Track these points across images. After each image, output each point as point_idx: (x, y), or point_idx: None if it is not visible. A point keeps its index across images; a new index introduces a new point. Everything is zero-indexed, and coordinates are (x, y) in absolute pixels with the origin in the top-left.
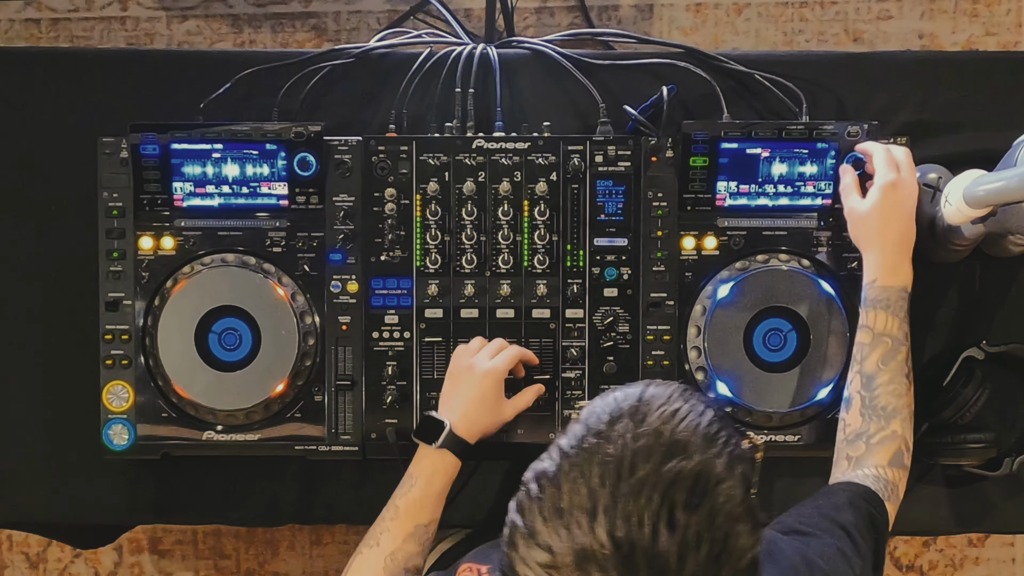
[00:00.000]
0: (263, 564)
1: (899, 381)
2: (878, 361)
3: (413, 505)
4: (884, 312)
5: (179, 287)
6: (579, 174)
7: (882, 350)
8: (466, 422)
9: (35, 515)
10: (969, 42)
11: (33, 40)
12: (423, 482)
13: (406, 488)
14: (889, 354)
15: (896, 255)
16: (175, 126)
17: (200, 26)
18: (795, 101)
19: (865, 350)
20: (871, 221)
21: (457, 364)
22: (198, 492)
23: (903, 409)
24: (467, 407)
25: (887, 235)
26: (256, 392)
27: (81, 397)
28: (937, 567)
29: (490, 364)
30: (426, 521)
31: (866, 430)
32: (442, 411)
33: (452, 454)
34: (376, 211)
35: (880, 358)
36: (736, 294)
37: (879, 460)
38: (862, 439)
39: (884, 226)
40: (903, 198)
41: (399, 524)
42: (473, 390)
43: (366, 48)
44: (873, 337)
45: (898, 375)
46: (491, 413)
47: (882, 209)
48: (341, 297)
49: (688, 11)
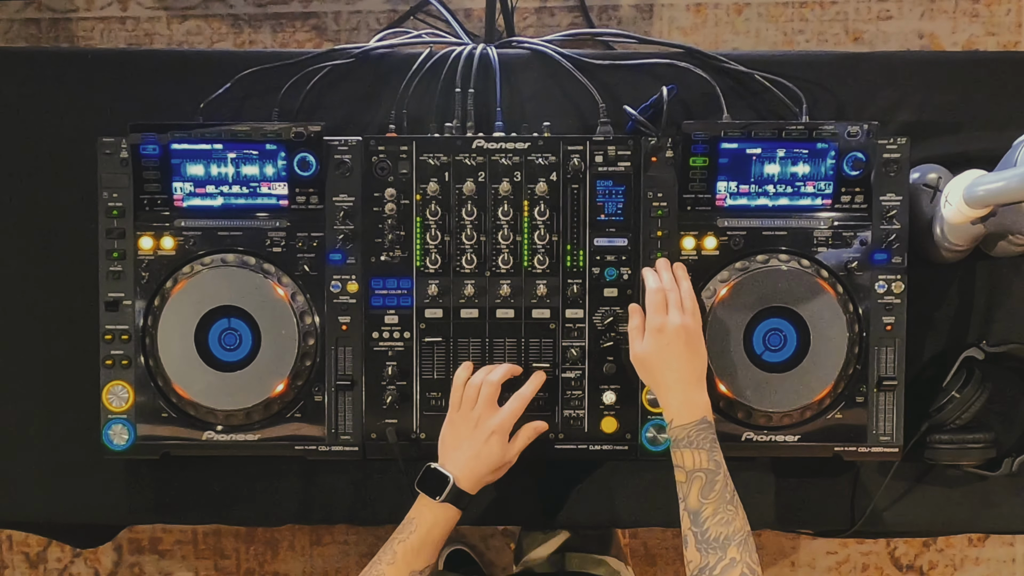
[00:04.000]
0: (263, 564)
1: (724, 509)
2: (698, 496)
3: (411, 552)
4: (688, 450)
5: (179, 287)
6: (579, 174)
7: (698, 485)
8: (471, 477)
9: (35, 515)
10: (969, 42)
11: (33, 40)
12: (423, 531)
13: (405, 534)
14: (707, 487)
15: (684, 393)
16: (175, 126)
17: (200, 26)
18: (795, 101)
19: (684, 488)
20: (649, 365)
21: (461, 417)
22: (198, 492)
23: (735, 534)
24: (472, 464)
25: (668, 376)
26: (256, 392)
27: (81, 397)
28: (937, 567)
29: (497, 421)
30: (421, 567)
31: (707, 563)
32: (443, 460)
33: (453, 507)
34: (376, 211)
35: (699, 493)
36: (736, 294)
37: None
38: (705, 573)
39: (663, 368)
40: (673, 339)
41: (395, 570)
42: (478, 446)
43: (366, 48)
44: (687, 475)
45: (721, 504)
46: (496, 466)
47: (656, 353)
48: (341, 297)
49: (688, 11)
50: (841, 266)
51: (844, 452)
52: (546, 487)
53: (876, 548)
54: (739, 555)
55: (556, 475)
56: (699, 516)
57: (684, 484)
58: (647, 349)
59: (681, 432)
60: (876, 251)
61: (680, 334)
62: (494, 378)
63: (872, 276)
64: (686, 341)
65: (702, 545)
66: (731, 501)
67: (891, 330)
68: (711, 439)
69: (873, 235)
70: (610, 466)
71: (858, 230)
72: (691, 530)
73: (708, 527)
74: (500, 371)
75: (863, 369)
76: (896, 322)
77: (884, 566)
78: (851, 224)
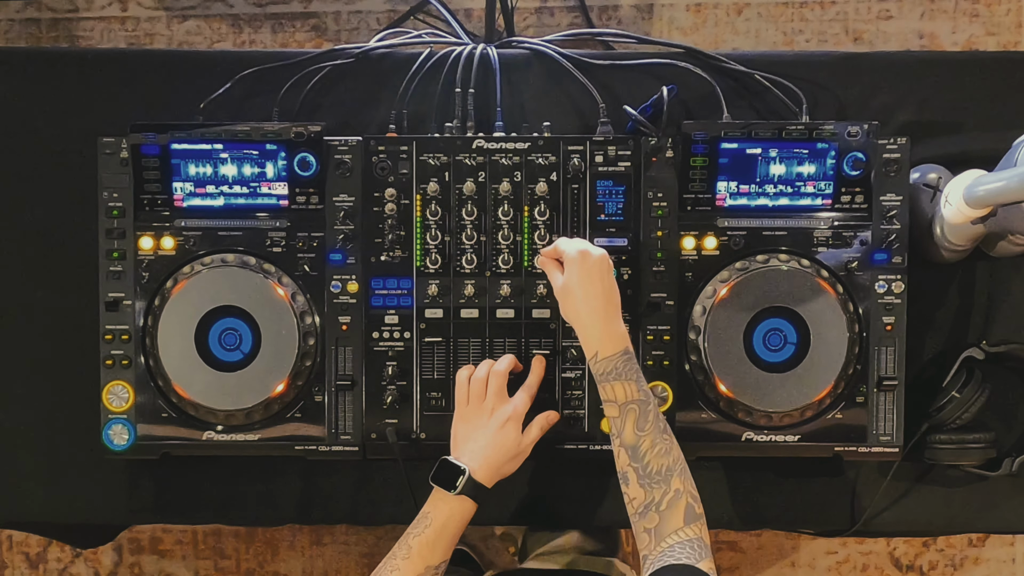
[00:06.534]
0: (263, 564)
1: (661, 441)
2: (634, 429)
3: (426, 546)
4: (618, 382)
5: (179, 287)
6: (579, 174)
7: (633, 418)
8: (488, 468)
9: (35, 515)
10: (969, 42)
11: (33, 40)
12: (438, 524)
13: (421, 528)
14: (641, 419)
15: (606, 322)
16: (175, 126)
17: (200, 26)
18: (795, 101)
19: (618, 424)
20: (572, 291)
21: (472, 410)
22: (198, 492)
23: (675, 464)
24: (487, 453)
25: (588, 302)
26: (256, 392)
27: (81, 397)
28: (937, 567)
29: (510, 409)
30: (436, 563)
31: (652, 499)
32: (457, 455)
33: (470, 499)
34: (376, 211)
35: (635, 426)
36: (736, 294)
37: (675, 523)
38: (652, 509)
39: (584, 294)
40: (593, 266)
41: (410, 564)
42: (493, 435)
43: (366, 48)
44: (619, 409)
45: (657, 435)
46: (511, 455)
47: (580, 279)
48: (341, 297)
49: (688, 11)
50: (841, 266)
51: (844, 452)
52: (546, 487)
53: (876, 548)
54: (682, 485)
55: (556, 475)
56: (638, 450)
57: (618, 419)
58: (571, 275)
59: (608, 364)
60: (876, 251)
61: (602, 262)
62: (500, 368)
63: (872, 276)
64: (608, 270)
65: (644, 480)
66: (664, 431)
67: (891, 330)
68: (636, 369)
69: (873, 235)
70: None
71: (858, 230)
72: (631, 466)
73: (648, 460)
74: (504, 362)
75: (863, 369)
76: (896, 322)
77: (884, 566)
78: (851, 224)
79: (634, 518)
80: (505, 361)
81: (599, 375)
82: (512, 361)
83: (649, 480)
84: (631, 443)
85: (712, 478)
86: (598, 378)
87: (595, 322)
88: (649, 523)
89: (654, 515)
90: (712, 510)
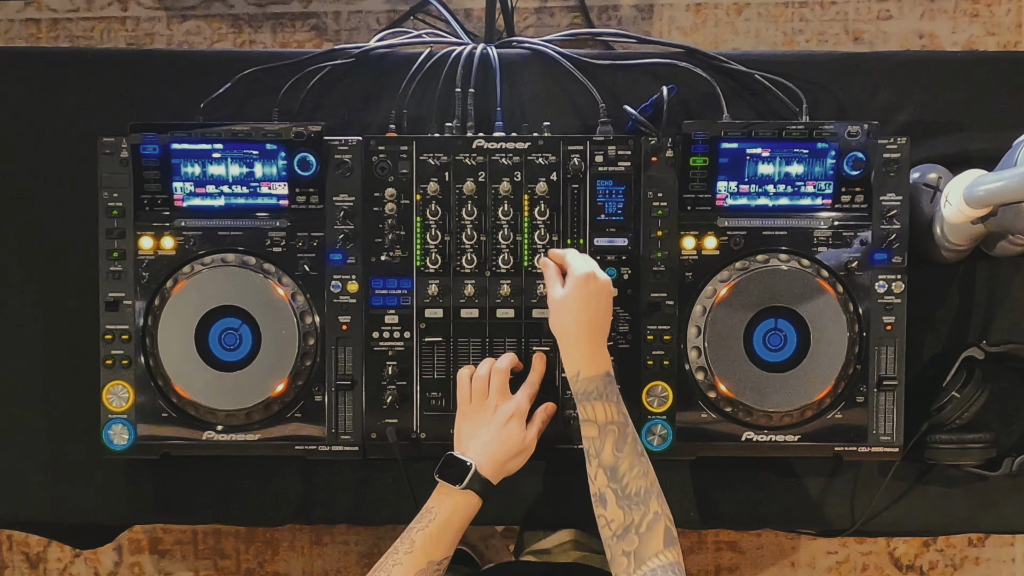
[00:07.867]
0: (263, 564)
1: (639, 462)
2: (613, 450)
3: (429, 540)
4: (600, 402)
5: (179, 287)
6: (579, 174)
7: (612, 439)
8: (493, 464)
9: (35, 515)
10: (969, 42)
11: (33, 40)
12: (443, 519)
13: (424, 522)
14: (620, 440)
15: (592, 344)
16: (175, 126)
17: (200, 26)
18: (795, 101)
19: (597, 444)
20: (569, 307)
21: (475, 407)
22: (198, 492)
23: (652, 487)
24: (492, 449)
25: (582, 322)
26: (256, 392)
27: (81, 397)
28: (937, 567)
29: (513, 405)
30: (440, 558)
31: (632, 521)
32: (462, 451)
33: (475, 494)
34: (376, 211)
35: (614, 447)
36: (736, 294)
37: (656, 546)
38: (631, 531)
39: (580, 313)
40: (597, 290)
41: (413, 559)
42: (497, 431)
43: (366, 48)
44: (599, 429)
45: (635, 457)
46: (517, 450)
47: (580, 298)
48: (341, 297)
49: (688, 11)
50: (841, 266)
51: (844, 452)
52: (546, 487)
53: (876, 548)
54: (660, 508)
55: (556, 475)
56: (617, 471)
57: (597, 439)
58: (571, 291)
59: (590, 384)
60: (876, 251)
61: (606, 288)
62: (502, 365)
63: (872, 276)
64: (608, 297)
65: (624, 501)
66: (642, 453)
67: (891, 330)
68: (616, 392)
69: (873, 235)
70: None
71: (858, 230)
72: (609, 487)
73: (627, 481)
74: (506, 359)
75: (863, 369)
76: (896, 322)
77: (884, 566)
78: (851, 224)
79: (611, 541)
80: (506, 359)
81: (579, 394)
82: (513, 359)
83: (628, 501)
84: (610, 463)
85: (712, 478)
86: (578, 397)
87: (582, 343)
88: (628, 546)
89: (634, 537)
90: (712, 510)
